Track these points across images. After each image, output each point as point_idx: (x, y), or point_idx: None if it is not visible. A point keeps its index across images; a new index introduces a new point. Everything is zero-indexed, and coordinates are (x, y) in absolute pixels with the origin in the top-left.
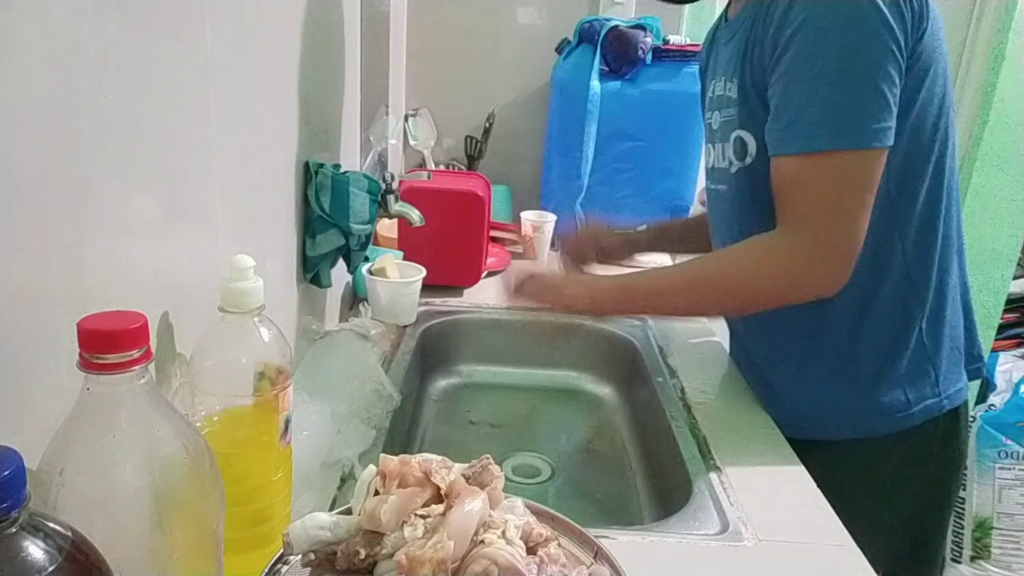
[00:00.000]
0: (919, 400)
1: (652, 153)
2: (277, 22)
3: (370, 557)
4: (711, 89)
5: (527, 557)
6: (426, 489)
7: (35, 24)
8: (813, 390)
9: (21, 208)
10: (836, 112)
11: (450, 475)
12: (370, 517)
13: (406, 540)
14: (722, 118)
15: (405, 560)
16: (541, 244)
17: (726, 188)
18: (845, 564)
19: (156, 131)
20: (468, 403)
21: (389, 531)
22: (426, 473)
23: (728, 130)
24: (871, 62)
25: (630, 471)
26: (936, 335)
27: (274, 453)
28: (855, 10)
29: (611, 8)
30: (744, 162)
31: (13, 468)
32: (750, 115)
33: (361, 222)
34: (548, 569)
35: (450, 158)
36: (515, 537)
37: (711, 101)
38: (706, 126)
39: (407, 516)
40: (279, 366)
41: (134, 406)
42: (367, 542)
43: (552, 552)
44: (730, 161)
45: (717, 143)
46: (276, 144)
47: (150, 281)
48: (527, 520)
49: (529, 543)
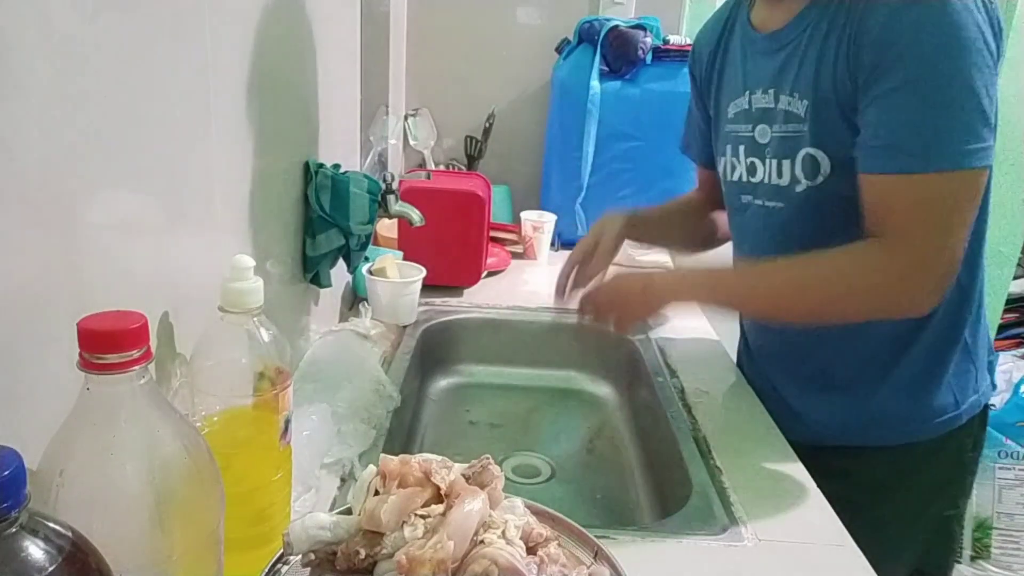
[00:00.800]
0: (964, 399)
1: (652, 153)
2: (277, 22)
3: (370, 557)
4: (741, 100)
5: (527, 557)
6: (426, 489)
7: (35, 24)
8: (866, 395)
9: (21, 208)
10: (942, 133)
11: (450, 475)
12: (370, 517)
13: (406, 540)
14: (778, 133)
15: (405, 560)
16: (541, 244)
17: (784, 206)
18: (845, 564)
19: (156, 131)
20: (468, 403)
21: (389, 531)
22: (426, 473)
23: (793, 147)
24: (976, 84)
25: (630, 471)
26: (976, 333)
27: (274, 453)
28: (960, 31)
29: (611, 8)
30: (815, 181)
31: (13, 468)
32: (828, 132)
33: (361, 222)
34: (548, 569)
35: (450, 158)
36: (515, 537)
37: (746, 114)
38: (727, 136)
39: (407, 516)
40: (279, 366)
41: (134, 406)
42: (367, 542)
43: (552, 552)
44: (794, 179)
45: (769, 158)
46: (276, 144)
47: (150, 281)
48: (527, 520)
49: (529, 543)
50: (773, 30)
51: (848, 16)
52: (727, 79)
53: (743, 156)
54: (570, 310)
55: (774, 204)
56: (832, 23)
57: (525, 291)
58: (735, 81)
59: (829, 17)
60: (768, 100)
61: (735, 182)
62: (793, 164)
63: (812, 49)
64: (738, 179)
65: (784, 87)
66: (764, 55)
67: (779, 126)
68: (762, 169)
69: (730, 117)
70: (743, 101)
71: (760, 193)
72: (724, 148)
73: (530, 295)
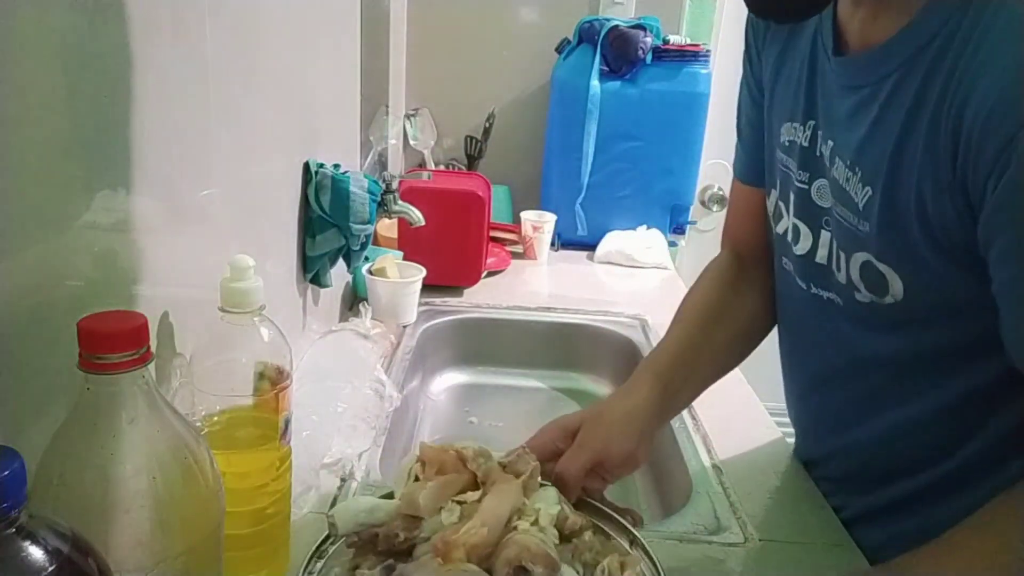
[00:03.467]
0: None
1: (652, 153)
2: (277, 22)
3: (409, 540)
4: (796, 128)
5: (561, 544)
6: (463, 476)
7: (35, 24)
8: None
9: (21, 208)
10: None
11: (487, 463)
12: (409, 501)
13: (443, 525)
14: (835, 215)
15: (441, 544)
16: (541, 244)
17: (841, 304)
18: (845, 564)
19: (156, 131)
20: (468, 403)
21: (427, 515)
22: (464, 461)
23: (848, 242)
24: None
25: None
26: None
27: (274, 453)
28: None
29: (611, 8)
30: (882, 299)
31: (13, 468)
32: (902, 253)
33: (361, 222)
34: (582, 556)
35: (450, 158)
36: (548, 525)
37: (801, 152)
38: (774, 167)
39: (444, 501)
40: (279, 366)
41: (134, 406)
42: (406, 525)
43: (587, 539)
44: (851, 283)
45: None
46: (276, 144)
47: (150, 281)
48: (561, 508)
49: (564, 531)
50: (861, 51)
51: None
52: (782, 82)
53: (791, 209)
54: (570, 310)
55: (828, 296)
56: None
57: (525, 291)
58: (790, 94)
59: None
60: (827, 152)
61: (779, 235)
62: (848, 263)
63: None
64: (783, 233)
65: (844, 150)
66: (836, 86)
67: (835, 200)
68: (810, 241)
69: (782, 143)
70: (799, 131)
71: (806, 272)
72: (774, 180)
73: (530, 295)
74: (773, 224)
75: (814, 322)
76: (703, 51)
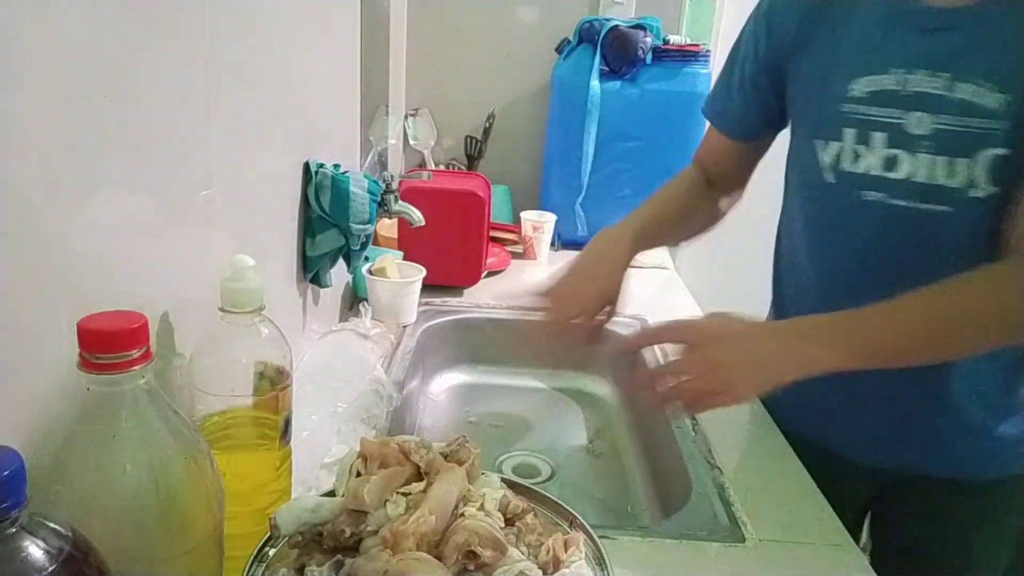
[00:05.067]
0: None
1: (652, 153)
2: (277, 22)
3: (355, 535)
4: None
5: (505, 528)
6: (406, 468)
7: (35, 24)
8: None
9: (21, 208)
10: None
11: (429, 454)
12: (354, 497)
13: (389, 517)
14: (947, 125)
15: (390, 535)
16: (541, 244)
17: (952, 211)
18: (845, 564)
19: (156, 131)
20: (468, 403)
21: (373, 509)
22: (405, 453)
23: (973, 144)
24: None
25: (630, 471)
26: None
27: (274, 453)
28: None
29: (611, 8)
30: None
31: (13, 468)
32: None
33: (361, 222)
34: (526, 538)
35: (450, 158)
36: (493, 509)
37: (892, 96)
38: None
39: (389, 494)
40: (279, 366)
41: (134, 406)
42: (352, 521)
43: (529, 522)
44: (971, 182)
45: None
46: (276, 144)
47: (150, 281)
48: (503, 493)
49: (507, 515)
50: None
51: None
52: (845, 50)
53: (879, 145)
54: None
55: (931, 207)
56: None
57: (525, 291)
58: (862, 55)
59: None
60: (936, 85)
61: (853, 173)
62: (972, 164)
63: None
64: (864, 171)
65: (965, 73)
66: (926, 32)
67: (951, 117)
68: (909, 164)
69: (856, 96)
70: (886, 80)
71: (902, 192)
72: (834, 131)
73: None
74: (838, 165)
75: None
76: (703, 51)
